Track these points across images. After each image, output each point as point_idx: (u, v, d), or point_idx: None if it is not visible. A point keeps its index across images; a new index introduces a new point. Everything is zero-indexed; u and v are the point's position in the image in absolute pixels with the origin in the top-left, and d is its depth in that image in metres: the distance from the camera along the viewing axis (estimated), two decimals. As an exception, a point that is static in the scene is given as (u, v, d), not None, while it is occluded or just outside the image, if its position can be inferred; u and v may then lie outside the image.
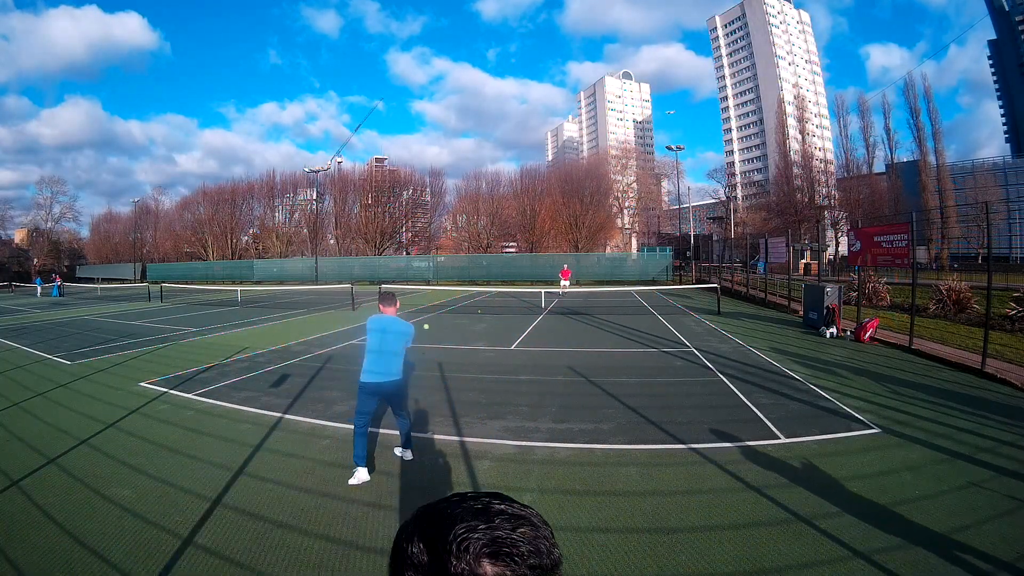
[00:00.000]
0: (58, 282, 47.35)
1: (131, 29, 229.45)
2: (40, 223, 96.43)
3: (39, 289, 48.62)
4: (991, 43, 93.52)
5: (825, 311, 16.16)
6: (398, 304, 6.59)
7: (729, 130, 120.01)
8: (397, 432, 6.83)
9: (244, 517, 5.20)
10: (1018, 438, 6.91)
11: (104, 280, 74.69)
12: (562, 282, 33.52)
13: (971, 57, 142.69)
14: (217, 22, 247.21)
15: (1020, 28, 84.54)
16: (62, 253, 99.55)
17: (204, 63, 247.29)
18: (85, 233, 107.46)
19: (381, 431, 7.67)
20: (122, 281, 73.81)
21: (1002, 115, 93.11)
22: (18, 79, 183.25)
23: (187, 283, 63.03)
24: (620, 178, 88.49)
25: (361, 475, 5.97)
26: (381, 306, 6.53)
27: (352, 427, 6.21)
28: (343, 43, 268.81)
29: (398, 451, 6.76)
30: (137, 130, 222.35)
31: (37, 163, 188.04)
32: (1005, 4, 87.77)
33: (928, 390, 9.46)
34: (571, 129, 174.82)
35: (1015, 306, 15.69)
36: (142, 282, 64.41)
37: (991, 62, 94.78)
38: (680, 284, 42.51)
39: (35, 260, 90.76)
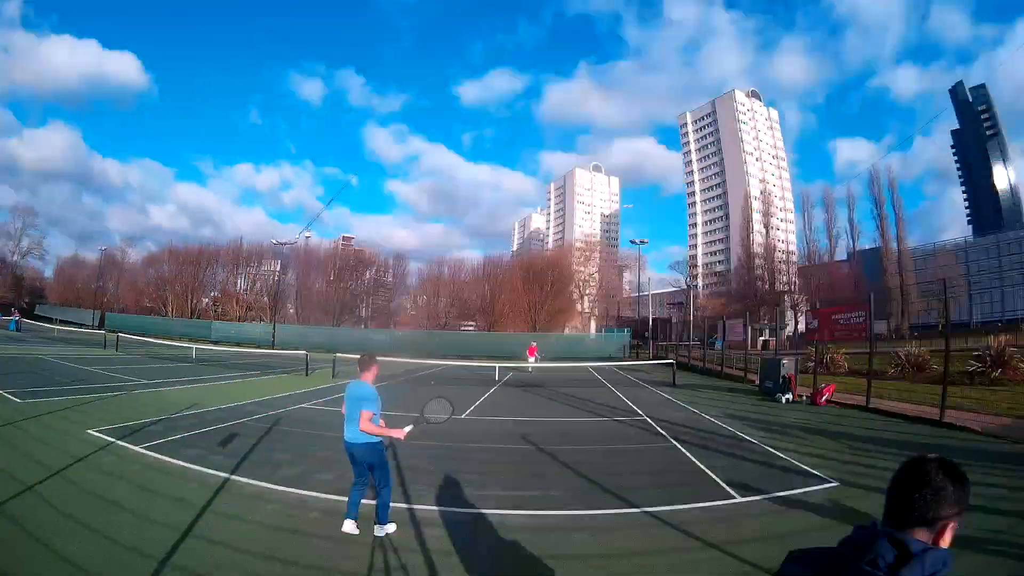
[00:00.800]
0: (16, 316, 45.76)
1: (125, 68, 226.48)
2: (7, 254, 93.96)
3: None
4: (954, 132, 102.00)
5: (781, 380, 16.23)
6: (374, 369, 6.50)
7: (695, 224, 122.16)
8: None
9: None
10: (982, 477, 6.96)
11: (62, 322, 72.44)
12: (529, 359, 32.13)
13: (938, 146, 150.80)
14: (209, 73, 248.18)
15: (982, 116, 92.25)
16: (23, 289, 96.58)
17: (188, 111, 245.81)
18: (48, 273, 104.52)
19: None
20: (80, 325, 71.68)
21: (964, 199, 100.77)
22: (7, 92, 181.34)
23: (144, 336, 61.65)
24: (582, 269, 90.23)
25: (346, 526, 6.05)
26: (359, 370, 6.47)
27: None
28: (324, 111, 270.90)
29: (376, 529, 6.15)
30: (114, 170, 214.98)
31: (13, 186, 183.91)
32: (968, 96, 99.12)
33: (886, 443, 9.62)
34: (538, 220, 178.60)
35: (975, 362, 16.44)
36: (100, 329, 62.60)
37: (954, 150, 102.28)
38: (637, 359, 42.55)
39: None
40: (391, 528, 6.15)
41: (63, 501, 6.66)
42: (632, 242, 54.98)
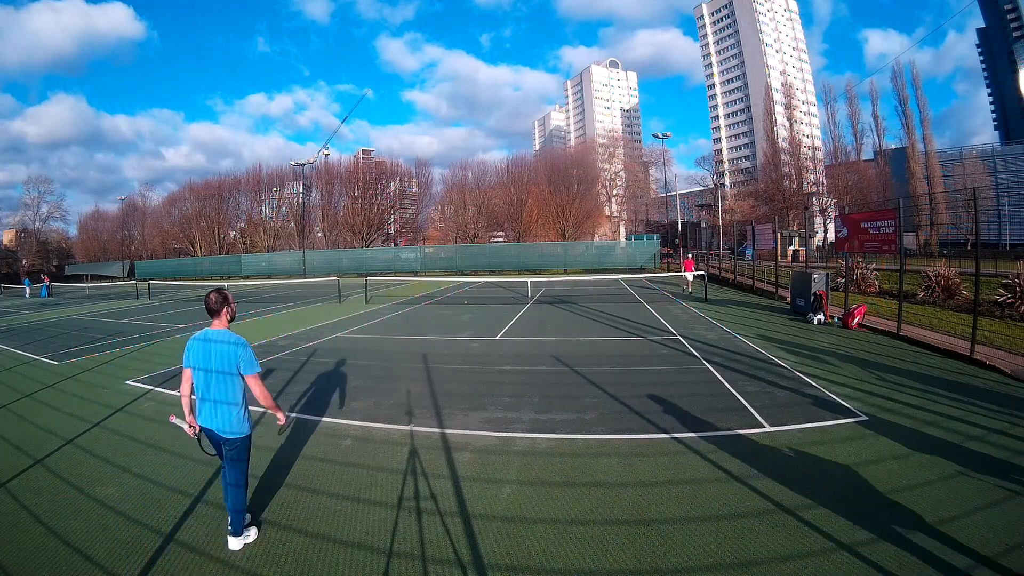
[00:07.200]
0: (46, 282, 47.39)
1: (116, 20, 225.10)
2: (28, 223, 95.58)
3: (28, 290, 48.23)
4: (980, 31, 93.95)
5: (812, 298, 16.07)
6: (232, 309, 5.01)
7: (716, 117, 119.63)
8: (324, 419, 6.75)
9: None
10: (1007, 426, 6.80)
11: (92, 278, 73.92)
12: (687, 275, 26.84)
13: (968, 43, 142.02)
14: (206, 10, 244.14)
15: (1009, 16, 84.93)
16: (50, 253, 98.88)
17: (192, 53, 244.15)
18: (73, 232, 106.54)
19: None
20: (110, 279, 73.15)
21: (991, 102, 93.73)
22: (1, 76, 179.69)
23: (175, 280, 62.64)
24: (607, 166, 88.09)
25: (232, 544, 4.57)
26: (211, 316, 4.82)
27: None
28: (333, 29, 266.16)
29: (232, 542, 4.59)
30: (124, 125, 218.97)
31: (23, 162, 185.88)
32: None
33: (916, 377, 9.35)
34: (558, 118, 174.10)
35: (1004, 292, 15.59)
36: (130, 280, 63.90)
37: (980, 50, 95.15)
38: (668, 272, 42.32)
39: (24, 261, 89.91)
40: (251, 536, 4.72)
41: (102, 450, 7.00)
42: (655, 136, 53.06)
